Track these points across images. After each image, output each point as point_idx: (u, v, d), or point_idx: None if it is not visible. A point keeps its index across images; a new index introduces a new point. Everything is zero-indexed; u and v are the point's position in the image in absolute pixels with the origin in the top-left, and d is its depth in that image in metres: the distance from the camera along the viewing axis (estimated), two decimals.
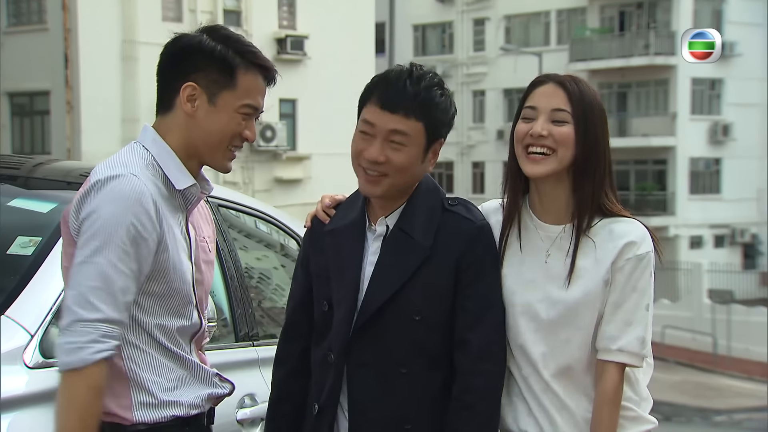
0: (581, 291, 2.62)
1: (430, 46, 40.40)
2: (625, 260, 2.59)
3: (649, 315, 2.62)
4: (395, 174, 2.61)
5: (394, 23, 24.10)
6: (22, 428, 2.49)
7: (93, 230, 2.35)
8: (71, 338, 2.31)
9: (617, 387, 2.61)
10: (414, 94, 2.58)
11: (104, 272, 2.33)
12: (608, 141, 2.67)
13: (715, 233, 35.28)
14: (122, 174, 2.40)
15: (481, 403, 2.61)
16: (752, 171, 35.59)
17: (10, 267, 2.87)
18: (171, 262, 2.46)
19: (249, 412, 3.25)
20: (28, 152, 21.28)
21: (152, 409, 2.46)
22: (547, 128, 2.60)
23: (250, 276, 4.00)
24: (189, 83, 2.49)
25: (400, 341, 2.61)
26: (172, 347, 2.50)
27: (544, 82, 2.66)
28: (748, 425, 19.66)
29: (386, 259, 2.64)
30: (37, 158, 6.79)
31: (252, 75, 2.54)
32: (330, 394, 2.66)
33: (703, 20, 33.37)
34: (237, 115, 2.52)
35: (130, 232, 2.36)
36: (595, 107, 2.63)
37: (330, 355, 2.67)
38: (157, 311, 2.47)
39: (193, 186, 2.53)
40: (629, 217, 2.66)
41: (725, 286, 29.73)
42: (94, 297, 2.32)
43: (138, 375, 2.45)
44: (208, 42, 2.51)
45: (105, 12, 20.92)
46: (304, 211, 2.88)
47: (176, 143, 2.52)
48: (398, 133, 2.59)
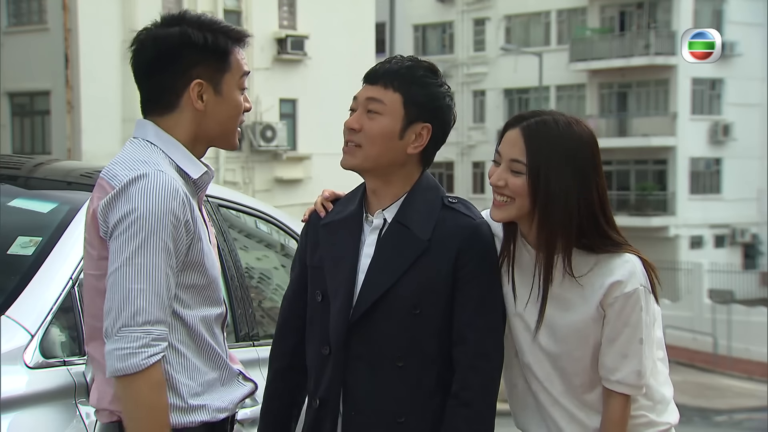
0: (571, 325, 2.64)
1: (430, 46, 40.39)
2: (613, 298, 2.60)
3: (644, 347, 2.63)
4: (368, 144, 2.63)
5: (395, 23, 24.09)
6: (22, 428, 2.48)
7: (131, 231, 2.33)
8: (121, 344, 2.30)
9: (622, 413, 2.65)
10: (396, 69, 2.65)
11: (148, 273, 2.32)
12: (587, 183, 2.59)
13: (715, 233, 35.27)
14: (149, 172, 2.38)
15: (479, 401, 2.61)
16: (752, 171, 35.58)
17: (10, 267, 2.87)
18: (204, 252, 2.47)
19: (249, 412, 3.25)
20: (29, 152, 21.27)
21: (181, 413, 2.44)
22: (504, 178, 2.62)
23: (250, 276, 4.00)
24: (196, 81, 2.48)
25: (396, 335, 2.62)
26: (211, 341, 2.50)
27: (512, 125, 2.65)
28: (748, 425, 19.67)
29: (383, 251, 2.65)
30: (37, 158, 6.78)
31: (236, 49, 2.55)
32: (330, 387, 2.66)
33: (703, 20, 33.37)
34: (239, 93, 2.55)
35: (168, 229, 2.35)
36: (561, 155, 2.57)
37: (325, 347, 2.67)
38: (200, 303, 2.48)
39: (205, 173, 2.55)
40: (621, 248, 2.63)
41: (725, 286, 29.74)
42: (141, 299, 2.31)
43: (172, 377, 2.43)
44: (194, 34, 2.49)
45: (105, 12, 20.91)
46: (304, 211, 2.88)
47: (184, 137, 2.51)
48: (374, 100, 2.63)
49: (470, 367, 2.61)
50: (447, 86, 2.71)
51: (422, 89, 2.64)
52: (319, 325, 2.70)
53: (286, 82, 24.25)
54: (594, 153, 2.62)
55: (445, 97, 2.68)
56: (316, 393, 2.70)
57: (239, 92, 2.55)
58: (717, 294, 28.64)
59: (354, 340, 2.63)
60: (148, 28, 2.53)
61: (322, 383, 2.68)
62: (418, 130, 2.65)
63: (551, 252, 2.61)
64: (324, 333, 2.68)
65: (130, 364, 2.29)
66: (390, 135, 2.63)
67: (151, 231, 2.33)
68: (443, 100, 2.68)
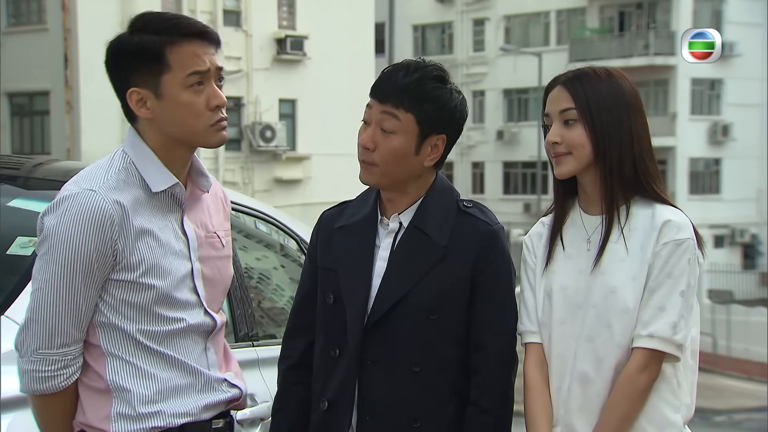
0: (618, 276, 2.59)
1: (429, 46, 40.37)
2: (662, 245, 2.57)
3: (684, 301, 2.56)
4: (383, 163, 2.60)
5: (394, 23, 24.12)
6: (22, 428, 2.49)
7: (50, 256, 2.33)
8: (40, 366, 2.35)
9: (639, 370, 2.54)
10: (404, 86, 2.58)
11: (65, 297, 2.33)
12: (637, 126, 2.63)
13: (714, 233, 35.25)
14: (77, 192, 2.35)
15: (499, 408, 2.61)
16: (752, 171, 35.59)
17: (10, 267, 2.87)
18: (152, 269, 2.41)
19: (249, 413, 3.25)
20: (28, 152, 21.27)
21: (130, 421, 2.41)
22: (558, 134, 2.61)
23: (250, 276, 4.00)
24: (131, 89, 2.43)
25: (413, 339, 2.60)
26: (170, 353, 2.46)
27: (552, 86, 2.67)
28: (747, 425, 19.67)
29: (400, 256, 2.63)
30: (37, 158, 6.78)
31: (182, 45, 2.41)
32: (342, 390, 2.64)
33: (703, 20, 33.37)
34: (188, 92, 2.41)
35: (87, 252, 2.33)
36: (608, 95, 2.61)
37: (334, 350, 2.66)
38: (143, 318, 2.42)
39: (175, 186, 2.46)
40: (675, 206, 2.66)
41: (725, 286, 29.76)
42: (59, 322, 2.34)
43: (121, 387, 2.42)
44: (127, 38, 2.43)
45: (105, 12, 20.89)
46: (304, 211, 2.89)
47: (155, 143, 2.46)
48: (387, 118, 2.59)
49: (490, 374, 2.61)
50: (456, 89, 2.66)
51: (434, 104, 2.60)
52: (329, 326, 2.69)
53: (285, 82, 24.25)
54: (636, 91, 2.66)
55: (457, 104, 2.65)
56: (324, 394, 2.68)
57: (189, 91, 2.41)
58: (716, 294, 28.65)
59: (369, 344, 2.61)
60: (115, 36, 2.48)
61: (330, 385, 2.66)
62: (434, 142, 2.63)
63: (609, 191, 2.60)
64: (333, 335, 2.67)
65: (49, 386, 2.37)
66: (405, 153, 2.60)
67: (71, 255, 2.32)
68: (456, 107, 2.64)
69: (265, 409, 3.15)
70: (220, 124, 2.47)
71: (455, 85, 2.67)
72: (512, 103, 38.73)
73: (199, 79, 2.42)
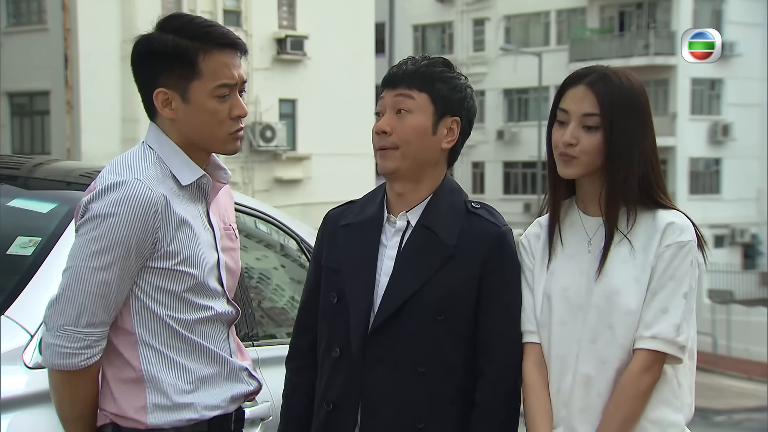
0: (621, 277, 2.58)
1: (430, 46, 40.38)
2: (665, 247, 2.56)
3: (686, 303, 2.56)
4: (404, 144, 2.61)
5: (394, 23, 24.12)
6: (22, 428, 2.49)
7: (94, 234, 2.37)
8: (63, 342, 2.37)
9: (642, 371, 2.53)
10: (414, 69, 2.64)
11: (100, 278, 2.37)
12: (648, 135, 2.62)
13: (714, 233, 35.25)
14: (126, 180, 2.41)
15: (505, 410, 2.61)
16: (752, 171, 35.59)
17: (10, 267, 2.87)
18: (189, 258, 2.47)
19: (249, 413, 3.25)
20: (28, 152, 21.27)
21: (167, 411, 2.46)
22: (576, 136, 2.59)
23: (250, 276, 4.00)
24: (159, 89, 2.48)
25: (419, 340, 2.59)
26: (199, 340, 2.51)
27: (575, 82, 2.64)
28: (747, 425, 19.68)
29: (408, 255, 2.63)
30: (37, 158, 6.79)
31: (214, 54, 2.48)
32: (346, 391, 2.63)
33: (703, 20, 33.37)
34: (214, 101, 2.49)
35: (132, 238, 2.38)
36: (629, 107, 2.59)
37: (335, 350, 2.65)
38: (176, 305, 2.48)
39: (202, 177, 2.53)
40: (678, 210, 2.65)
41: (725, 286, 29.75)
42: (88, 302, 2.37)
43: (155, 377, 2.46)
44: (161, 39, 2.47)
45: (105, 12, 20.90)
46: (304, 211, 2.89)
47: (176, 140, 2.53)
48: (403, 100, 2.62)
49: (496, 376, 2.60)
50: (465, 77, 2.71)
51: (445, 84, 2.64)
52: (332, 326, 2.68)
53: (285, 82, 24.25)
54: (647, 101, 2.65)
55: (467, 88, 2.70)
56: (328, 394, 2.67)
57: (216, 100, 2.49)
58: (716, 294, 28.64)
59: (374, 344, 2.61)
60: (143, 33, 2.53)
61: (333, 386, 2.66)
62: (449, 124, 2.66)
63: (616, 211, 2.59)
64: (336, 335, 2.66)
65: (69, 362, 2.39)
66: (424, 130, 2.63)
67: (113, 238, 2.37)
68: (466, 90, 2.69)
69: (265, 409, 3.15)
70: (238, 134, 2.56)
71: (464, 75, 2.72)
72: (512, 103, 38.73)
73: (225, 92, 2.50)
